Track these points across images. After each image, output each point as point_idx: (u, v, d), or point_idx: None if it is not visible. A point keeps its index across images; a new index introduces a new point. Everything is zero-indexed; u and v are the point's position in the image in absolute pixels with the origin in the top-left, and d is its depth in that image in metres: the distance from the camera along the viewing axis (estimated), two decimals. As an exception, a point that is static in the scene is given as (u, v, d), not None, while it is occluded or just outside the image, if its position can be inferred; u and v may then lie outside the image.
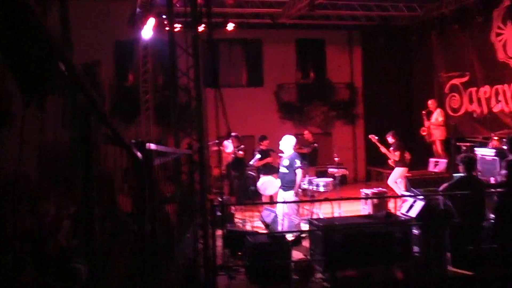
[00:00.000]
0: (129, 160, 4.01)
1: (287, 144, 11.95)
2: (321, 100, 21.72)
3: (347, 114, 22.12)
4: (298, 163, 11.70)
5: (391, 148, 14.42)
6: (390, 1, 18.51)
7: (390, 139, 14.56)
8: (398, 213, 10.07)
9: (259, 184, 13.30)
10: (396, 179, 14.32)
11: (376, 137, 14.60)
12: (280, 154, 12.74)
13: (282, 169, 11.95)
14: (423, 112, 17.51)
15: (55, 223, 9.89)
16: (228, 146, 15.93)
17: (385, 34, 20.60)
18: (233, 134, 15.19)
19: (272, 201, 11.87)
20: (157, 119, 19.10)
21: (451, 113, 18.46)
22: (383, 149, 14.56)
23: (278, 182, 12.30)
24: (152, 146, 4.19)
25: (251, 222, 12.68)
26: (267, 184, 13.08)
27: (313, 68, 22.42)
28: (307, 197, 13.39)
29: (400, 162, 14.33)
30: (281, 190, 12.02)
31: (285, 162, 11.91)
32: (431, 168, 15.10)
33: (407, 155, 14.96)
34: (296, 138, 19.22)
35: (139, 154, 3.59)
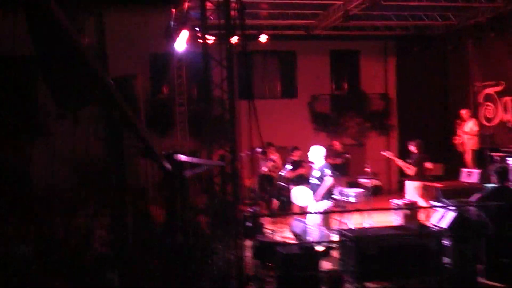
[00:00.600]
0: (161, 172, 4.09)
1: (317, 154, 11.93)
2: (355, 110, 21.68)
3: (381, 125, 22.01)
4: (328, 172, 11.69)
5: (410, 160, 14.05)
6: (424, 10, 18.38)
7: (413, 149, 14.13)
8: (428, 224, 9.96)
9: (292, 194, 13.33)
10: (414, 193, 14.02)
11: (390, 153, 14.42)
12: (312, 165, 12.73)
13: (313, 180, 11.94)
14: (457, 121, 17.32)
15: (89, 233, 10.07)
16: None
17: (420, 43, 20.44)
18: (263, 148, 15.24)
19: (302, 212, 11.84)
20: (192, 131, 19.23)
21: (485, 123, 18.23)
22: (399, 162, 14.37)
23: (310, 193, 12.30)
24: (182, 157, 4.25)
25: (281, 232, 12.68)
26: (299, 194, 13.10)
27: (347, 79, 22.43)
28: (338, 208, 13.36)
29: (416, 176, 13.95)
30: (313, 201, 12.01)
31: (316, 173, 11.91)
32: (463, 178, 14.92)
33: (428, 165, 14.62)
34: (328, 149, 19.35)
35: (169, 165, 3.65)
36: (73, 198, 14.35)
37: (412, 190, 13.94)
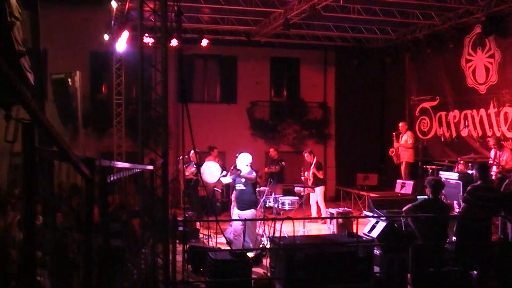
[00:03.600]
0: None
1: (243, 162, 11.78)
2: (294, 118, 21.79)
3: (319, 134, 22.19)
4: (253, 173, 11.59)
5: (314, 168, 14.76)
6: (364, 24, 18.71)
7: (309, 158, 15.22)
8: (360, 233, 10.09)
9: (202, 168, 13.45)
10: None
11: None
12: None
13: (239, 186, 11.81)
14: (393, 133, 17.65)
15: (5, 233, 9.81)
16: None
17: (359, 55, 20.76)
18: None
19: (235, 219, 11.75)
20: (129, 132, 19.01)
21: (420, 136, 18.67)
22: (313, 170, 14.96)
23: (217, 170, 12.31)
24: (105, 162, 4.15)
25: (216, 238, 12.62)
26: (208, 170, 13.19)
27: (286, 87, 22.58)
28: (272, 215, 13.40)
29: (322, 181, 15.05)
30: (237, 210, 11.87)
31: (242, 179, 11.77)
32: (397, 189, 15.22)
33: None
34: (266, 156, 19.38)
35: (87, 170, 3.54)
36: (4, 197, 14.02)
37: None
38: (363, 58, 20.83)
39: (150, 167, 8.93)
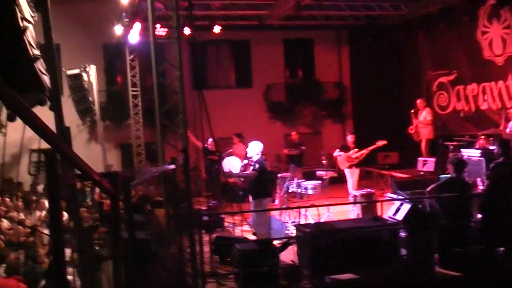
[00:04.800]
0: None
1: (254, 150, 11.68)
2: (310, 99, 21.74)
3: (336, 113, 22.16)
4: (256, 166, 11.44)
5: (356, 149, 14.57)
6: (376, 1, 18.56)
7: (352, 139, 14.84)
8: (385, 216, 10.08)
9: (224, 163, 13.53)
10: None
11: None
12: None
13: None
14: (411, 111, 17.53)
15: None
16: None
17: (373, 33, 20.62)
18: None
19: (259, 210, 11.72)
20: (146, 122, 19.09)
21: (439, 111, 18.54)
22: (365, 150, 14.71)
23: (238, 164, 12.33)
24: (127, 173, 4.16)
25: (241, 226, 12.68)
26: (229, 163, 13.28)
27: (301, 68, 22.51)
28: (296, 200, 13.46)
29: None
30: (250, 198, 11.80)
31: (256, 165, 11.66)
32: (419, 167, 15.13)
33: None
34: (285, 138, 19.37)
35: (108, 186, 3.55)
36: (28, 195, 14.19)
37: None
38: (376, 36, 20.70)
39: (172, 167, 8.93)
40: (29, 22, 5.04)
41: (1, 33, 4.54)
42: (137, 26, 16.26)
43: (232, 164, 13.39)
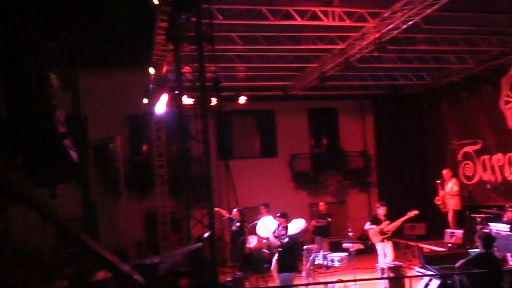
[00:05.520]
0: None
1: (296, 226, 11.60)
2: (335, 168, 21.71)
3: (362, 182, 22.06)
4: (285, 240, 11.34)
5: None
6: (399, 71, 18.72)
7: (383, 211, 14.35)
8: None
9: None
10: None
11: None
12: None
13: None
14: (438, 181, 17.39)
15: None
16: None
17: (396, 101, 20.72)
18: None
19: (284, 286, 11.52)
20: (171, 191, 19.18)
21: (465, 181, 18.35)
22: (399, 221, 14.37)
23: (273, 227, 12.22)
24: (155, 260, 4.17)
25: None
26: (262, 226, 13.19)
27: (326, 137, 22.59)
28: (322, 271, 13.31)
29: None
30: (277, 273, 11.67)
31: (286, 239, 11.59)
32: (447, 239, 14.90)
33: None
34: (310, 208, 19.28)
35: (140, 278, 3.55)
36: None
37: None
38: (400, 104, 20.80)
39: (199, 245, 8.92)
40: (58, 99, 5.16)
41: (32, 113, 4.65)
42: (164, 97, 16.50)
43: (267, 225, 13.25)
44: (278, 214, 11.84)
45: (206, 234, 9.48)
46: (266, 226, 13.43)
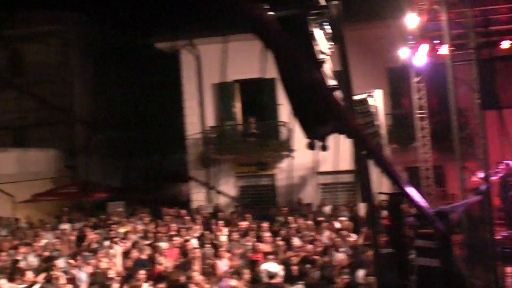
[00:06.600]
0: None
1: None
2: None
3: None
4: None
5: None
6: None
7: None
8: None
9: None
10: None
11: None
12: None
13: None
14: None
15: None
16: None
17: None
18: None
19: None
20: (433, 144, 18.72)
21: None
22: None
23: None
24: (445, 209, 4.06)
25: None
26: None
27: None
28: None
29: None
30: None
31: None
32: None
33: None
34: None
35: (441, 226, 3.47)
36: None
37: None
38: None
39: (478, 198, 8.57)
40: (326, 54, 5.23)
41: (300, 69, 4.77)
42: (424, 47, 16.05)
43: None
44: None
45: (483, 187, 9.08)
46: None
